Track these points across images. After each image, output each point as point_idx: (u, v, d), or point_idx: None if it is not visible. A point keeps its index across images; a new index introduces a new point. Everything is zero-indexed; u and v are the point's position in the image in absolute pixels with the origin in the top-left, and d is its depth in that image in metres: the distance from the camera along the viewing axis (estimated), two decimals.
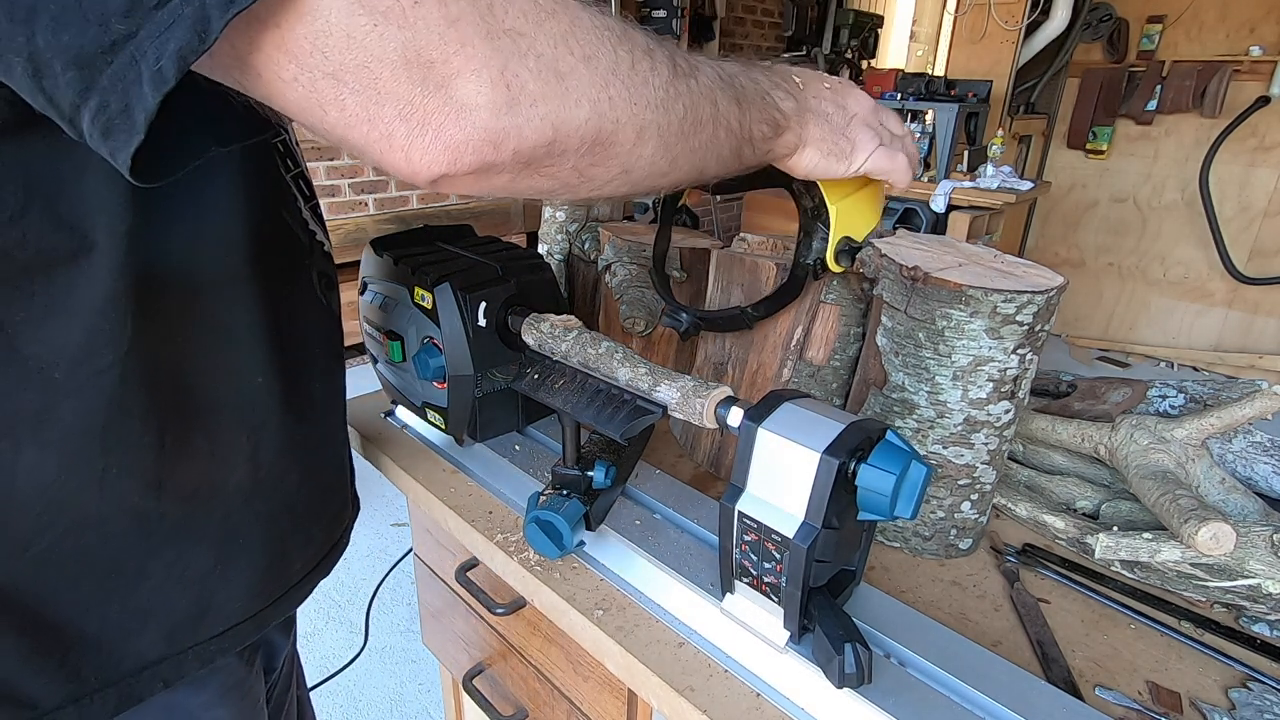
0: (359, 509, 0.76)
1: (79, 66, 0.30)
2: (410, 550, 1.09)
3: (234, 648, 0.59)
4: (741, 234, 0.88)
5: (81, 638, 0.50)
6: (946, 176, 3.02)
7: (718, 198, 0.92)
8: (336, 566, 0.70)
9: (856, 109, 0.60)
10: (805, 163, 0.58)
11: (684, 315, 0.81)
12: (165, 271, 0.48)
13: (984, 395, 0.66)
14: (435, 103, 0.34)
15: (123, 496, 0.49)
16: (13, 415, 0.44)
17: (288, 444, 0.60)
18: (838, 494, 0.51)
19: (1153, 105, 3.12)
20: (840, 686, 0.52)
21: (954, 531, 0.73)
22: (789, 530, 0.52)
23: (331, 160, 3.44)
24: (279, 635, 0.77)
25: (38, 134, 0.40)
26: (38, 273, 0.43)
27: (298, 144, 0.63)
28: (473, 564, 0.89)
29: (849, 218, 0.72)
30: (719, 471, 0.87)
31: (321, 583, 0.68)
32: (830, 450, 0.50)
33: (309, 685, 1.11)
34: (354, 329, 0.97)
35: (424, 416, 0.88)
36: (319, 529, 0.66)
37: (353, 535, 0.73)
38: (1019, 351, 0.65)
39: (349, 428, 0.95)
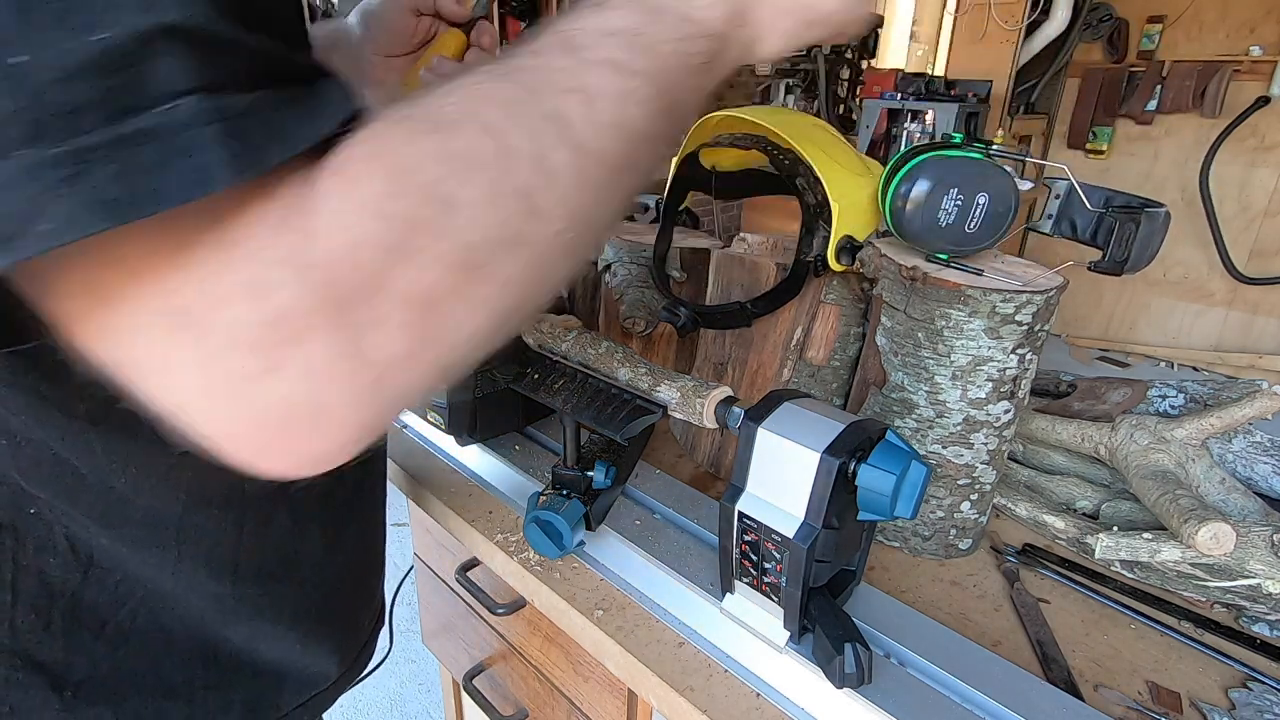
0: None
1: None
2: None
3: (313, 717, 0.57)
4: (741, 234, 0.88)
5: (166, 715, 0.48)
6: None
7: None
8: None
9: None
10: (770, 50, 0.44)
11: (682, 310, 0.81)
12: None
13: (983, 395, 0.66)
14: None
15: (196, 582, 0.47)
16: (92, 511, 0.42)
17: (349, 504, 0.57)
18: (838, 494, 0.51)
19: (1153, 105, 3.11)
20: (840, 686, 0.53)
21: (954, 531, 0.73)
22: (789, 530, 0.52)
23: None
24: None
25: None
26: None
27: None
28: (473, 564, 0.89)
29: (851, 216, 0.72)
30: (719, 471, 0.87)
31: None
32: (830, 450, 0.50)
33: None
34: None
35: (424, 416, 0.88)
36: (376, 580, 0.64)
37: None
38: (1018, 351, 0.65)
39: None
